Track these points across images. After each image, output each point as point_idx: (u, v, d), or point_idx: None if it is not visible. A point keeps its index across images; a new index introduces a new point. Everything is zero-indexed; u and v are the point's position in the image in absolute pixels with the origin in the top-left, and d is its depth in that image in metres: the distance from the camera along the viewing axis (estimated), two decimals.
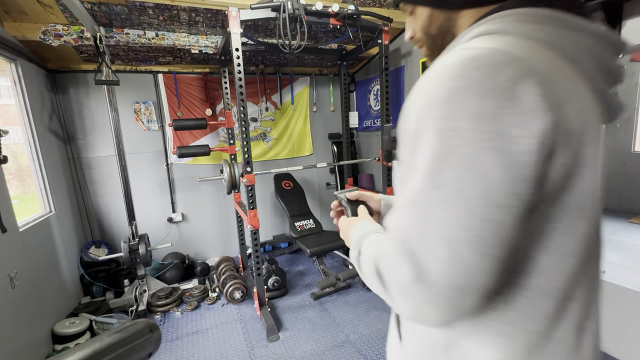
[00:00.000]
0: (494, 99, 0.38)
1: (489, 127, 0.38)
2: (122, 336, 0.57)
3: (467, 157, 0.39)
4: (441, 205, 0.40)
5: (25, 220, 2.32)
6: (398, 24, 3.21)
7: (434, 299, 0.41)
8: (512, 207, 0.39)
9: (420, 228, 0.42)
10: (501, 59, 0.40)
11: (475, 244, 0.39)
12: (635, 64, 1.70)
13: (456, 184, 0.40)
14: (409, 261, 0.42)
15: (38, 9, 2.26)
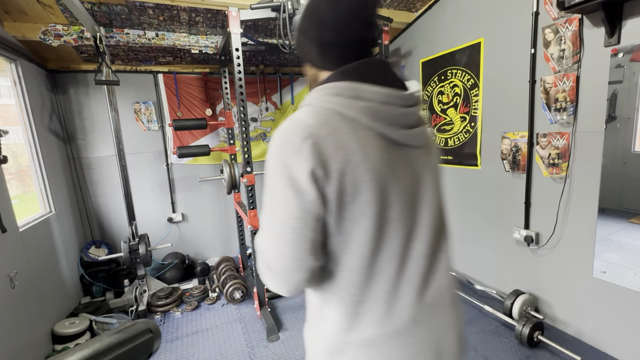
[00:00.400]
0: (290, 153, 0.63)
1: (288, 172, 0.63)
2: (122, 336, 0.57)
3: (278, 192, 0.65)
4: (269, 221, 0.68)
5: (25, 221, 2.32)
6: (398, 24, 3.21)
7: (277, 278, 0.69)
8: (305, 219, 0.64)
9: (263, 236, 0.71)
10: (298, 127, 0.65)
11: (288, 242, 0.65)
12: (635, 64, 1.70)
13: (274, 208, 0.67)
14: (261, 258, 0.71)
15: (38, 9, 2.26)
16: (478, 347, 2.15)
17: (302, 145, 0.62)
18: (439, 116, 3.07)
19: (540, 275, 2.35)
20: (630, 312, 1.87)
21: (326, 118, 0.66)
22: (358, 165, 0.65)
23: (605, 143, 1.88)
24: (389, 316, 0.72)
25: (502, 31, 2.39)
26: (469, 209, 2.90)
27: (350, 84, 0.68)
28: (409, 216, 0.72)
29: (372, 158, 0.66)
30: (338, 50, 0.73)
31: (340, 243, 0.69)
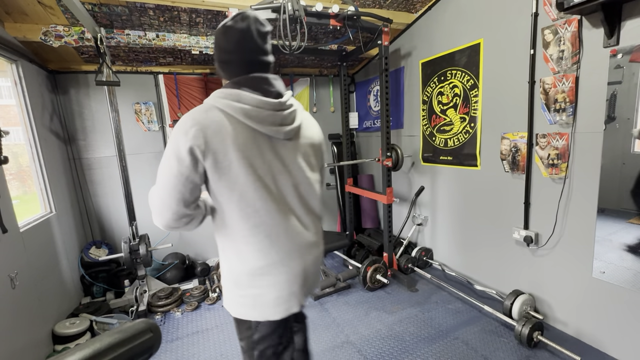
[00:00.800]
0: (181, 134, 0.95)
1: (176, 146, 0.95)
2: (122, 336, 0.57)
3: (167, 158, 0.97)
4: (159, 176, 0.99)
5: (25, 221, 2.33)
6: (398, 25, 3.22)
7: (156, 214, 1.02)
8: (179, 177, 0.96)
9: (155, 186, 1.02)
10: (190, 117, 0.98)
11: (165, 190, 0.98)
12: (635, 65, 1.70)
13: (164, 168, 0.98)
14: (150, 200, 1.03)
15: (39, 9, 2.26)
16: (478, 347, 2.16)
17: (190, 129, 0.95)
18: (438, 117, 3.08)
19: (539, 276, 2.36)
20: (630, 312, 1.87)
21: (212, 113, 1.00)
22: (229, 146, 0.98)
23: (604, 143, 1.88)
24: (270, 253, 1.07)
25: (501, 32, 2.40)
26: (468, 210, 2.90)
27: (236, 91, 1.01)
28: (273, 183, 1.06)
29: (241, 143, 0.99)
30: (231, 67, 1.07)
31: (225, 201, 1.03)
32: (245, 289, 1.10)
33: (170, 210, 1.00)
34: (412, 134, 3.46)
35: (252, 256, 1.06)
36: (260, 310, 1.10)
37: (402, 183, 3.74)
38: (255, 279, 1.08)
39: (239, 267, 1.09)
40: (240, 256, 1.08)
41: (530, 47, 2.19)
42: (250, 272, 1.08)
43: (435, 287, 2.97)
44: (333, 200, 4.52)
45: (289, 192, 1.10)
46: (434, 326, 2.42)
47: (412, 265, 3.25)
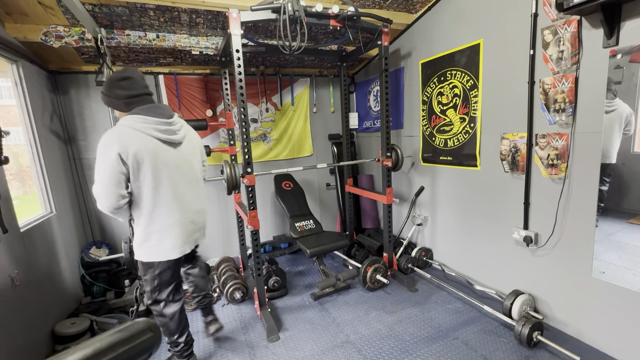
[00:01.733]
0: (108, 146, 1.62)
1: (108, 154, 1.62)
2: (122, 336, 0.58)
3: (103, 162, 1.63)
4: (98, 175, 1.64)
5: (26, 221, 2.33)
6: (398, 26, 3.22)
7: (101, 201, 1.65)
8: (112, 172, 1.62)
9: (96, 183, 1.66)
10: (110, 133, 1.65)
11: (106, 182, 1.63)
12: (634, 65, 1.70)
13: (101, 169, 1.64)
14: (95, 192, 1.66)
15: (39, 10, 2.27)
16: (477, 347, 2.16)
17: (113, 142, 1.62)
18: (438, 117, 3.08)
19: (539, 276, 2.36)
20: (630, 313, 1.88)
21: (126, 130, 1.67)
22: (141, 151, 1.66)
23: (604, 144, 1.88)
24: (169, 216, 1.79)
25: (501, 32, 2.40)
26: (468, 210, 2.91)
27: (139, 116, 1.70)
28: (171, 174, 1.77)
29: (149, 148, 1.69)
30: (126, 103, 1.73)
31: (138, 187, 1.71)
32: (153, 241, 1.79)
33: (112, 196, 1.64)
34: (412, 134, 3.47)
35: (157, 221, 1.77)
36: (162, 254, 1.82)
37: (402, 183, 3.75)
38: (159, 234, 1.79)
39: (149, 228, 1.77)
40: (151, 221, 1.76)
41: (529, 48, 2.19)
42: (156, 230, 1.78)
43: (435, 287, 2.97)
44: (333, 201, 4.52)
45: (180, 178, 1.83)
46: (434, 326, 2.42)
47: (412, 265, 3.25)
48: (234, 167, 2.65)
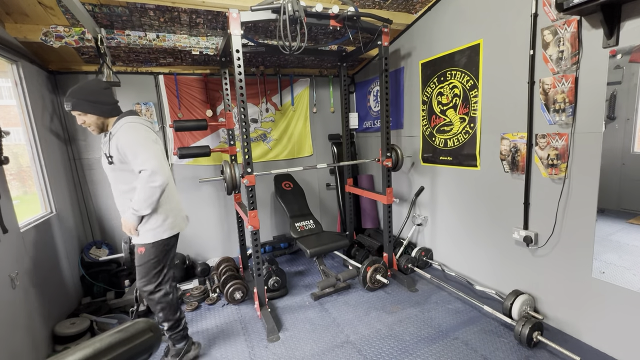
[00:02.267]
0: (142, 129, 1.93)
1: (146, 135, 1.93)
2: (122, 336, 0.58)
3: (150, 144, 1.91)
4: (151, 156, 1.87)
5: (26, 221, 2.33)
6: (398, 26, 3.22)
7: (163, 180, 1.88)
8: (161, 152, 1.98)
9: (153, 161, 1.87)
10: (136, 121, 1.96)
11: (160, 162, 1.90)
12: (634, 65, 1.70)
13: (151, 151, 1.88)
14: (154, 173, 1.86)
15: (39, 10, 2.27)
16: (477, 347, 2.16)
17: (144, 126, 1.97)
18: (438, 117, 3.08)
19: (539, 276, 2.36)
20: (630, 313, 1.88)
21: (143, 122, 1.99)
22: (158, 136, 2.06)
23: (604, 144, 1.89)
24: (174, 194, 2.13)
25: (501, 32, 2.40)
26: (468, 210, 2.91)
27: (135, 116, 1.99)
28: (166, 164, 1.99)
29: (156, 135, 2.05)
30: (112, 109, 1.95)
31: None
32: (171, 218, 2.03)
33: (165, 170, 1.91)
34: (412, 134, 3.47)
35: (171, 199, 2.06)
36: (177, 227, 2.08)
37: (402, 183, 3.75)
38: (175, 211, 2.07)
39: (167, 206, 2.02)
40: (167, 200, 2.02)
41: (529, 48, 2.19)
42: (172, 208, 2.05)
43: (435, 287, 2.98)
44: (333, 201, 4.52)
45: None
46: (434, 326, 2.42)
47: (412, 265, 3.25)
48: (234, 167, 2.65)
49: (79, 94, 1.84)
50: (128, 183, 1.95)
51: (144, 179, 1.84)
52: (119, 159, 1.89)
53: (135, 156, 1.84)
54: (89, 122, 1.89)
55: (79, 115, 1.86)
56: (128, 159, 1.87)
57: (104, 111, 1.91)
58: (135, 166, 1.86)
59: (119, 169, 1.93)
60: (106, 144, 1.92)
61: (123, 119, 1.91)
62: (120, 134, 1.87)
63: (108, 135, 1.92)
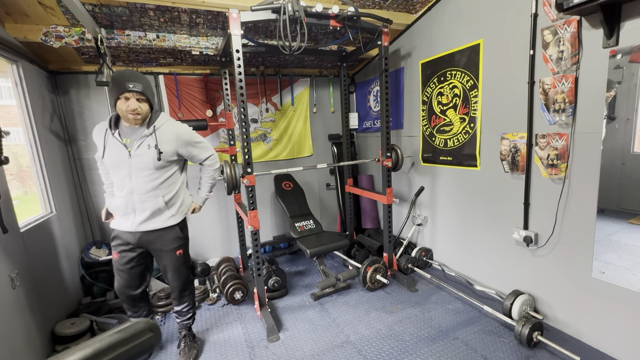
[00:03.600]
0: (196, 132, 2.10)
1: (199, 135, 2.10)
2: (122, 336, 0.57)
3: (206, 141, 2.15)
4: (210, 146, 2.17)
5: (26, 221, 2.33)
6: (398, 26, 3.22)
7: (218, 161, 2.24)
8: None
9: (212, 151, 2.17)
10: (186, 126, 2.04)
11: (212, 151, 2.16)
12: (634, 65, 1.70)
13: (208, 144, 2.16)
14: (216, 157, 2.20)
15: (39, 10, 2.27)
16: (477, 347, 2.16)
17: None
18: (438, 117, 3.08)
19: (539, 276, 2.36)
20: (630, 313, 1.88)
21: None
22: None
23: (604, 144, 1.89)
24: None
25: (501, 32, 2.40)
26: (468, 210, 2.91)
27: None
28: None
29: None
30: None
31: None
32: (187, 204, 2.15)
33: None
34: (412, 135, 3.47)
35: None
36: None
37: (402, 183, 3.75)
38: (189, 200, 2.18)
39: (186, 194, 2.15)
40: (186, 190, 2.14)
41: (529, 48, 2.19)
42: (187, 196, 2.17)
43: (435, 287, 2.97)
44: (333, 201, 4.52)
45: None
46: (434, 326, 2.42)
47: (412, 265, 3.25)
48: (234, 167, 2.65)
49: (145, 81, 1.79)
50: (163, 177, 1.92)
51: (211, 164, 2.14)
52: (170, 152, 1.90)
53: (200, 145, 2.04)
54: (143, 110, 1.80)
55: (141, 101, 1.77)
56: (190, 150, 1.99)
57: (154, 104, 1.90)
58: (202, 154, 2.06)
59: (160, 165, 1.88)
60: (148, 138, 1.85)
61: (162, 114, 1.92)
62: (172, 127, 1.91)
63: (152, 129, 1.85)
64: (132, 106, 1.75)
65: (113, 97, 1.75)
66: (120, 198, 1.90)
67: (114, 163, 1.84)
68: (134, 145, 1.83)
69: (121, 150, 1.82)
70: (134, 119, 1.80)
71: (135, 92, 1.73)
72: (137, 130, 1.86)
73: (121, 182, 1.88)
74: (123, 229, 1.95)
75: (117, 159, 1.84)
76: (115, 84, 1.73)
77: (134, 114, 1.78)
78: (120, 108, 1.77)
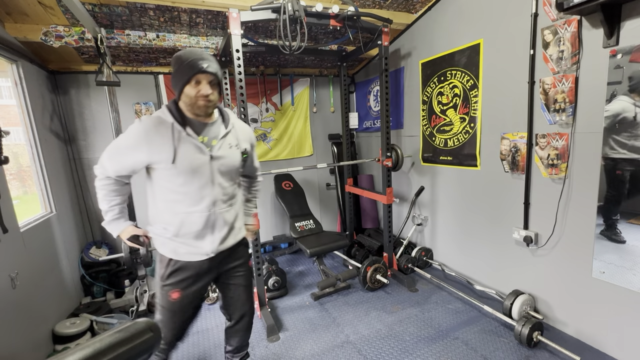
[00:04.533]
0: None
1: None
2: (122, 336, 0.57)
3: None
4: None
5: (26, 221, 2.33)
6: (398, 25, 3.22)
7: None
8: None
9: None
10: None
11: None
12: (635, 65, 1.70)
13: None
14: None
15: (39, 10, 2.27)
16: (477, 347, 2.16)
17: None
18: (438, 117, 3.08)
19: (539, 276, 2.36)
20: (630, 312, 1.87)
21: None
22: None
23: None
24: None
25: (501, 32, 2.40)
26: (468, 210, 2.91)
27: None
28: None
29: None
30: None
31: None
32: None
33: None
34: (412, 134, 3.47)
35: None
36: None
37: (402, 183, 3.75)
38: None
39: None
40: None
41: (530, 48, 2.19)
42: None
43: (435, 287, 2.97)
44: (333, 201, 4.52)
45: None
46: (434, 326, 2.42)
47: (412, 265, 3.25)
48: None
49: (217, 62, 1.42)
50: (236, 183, 1.60)
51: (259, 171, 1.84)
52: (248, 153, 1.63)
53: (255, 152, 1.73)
54: (215, 98, 1.42)
55: (213, 86, 1.39)
56: (252, 154, 1.69)
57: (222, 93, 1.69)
58: (256, 162, 1.77)
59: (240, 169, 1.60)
60: (228, 136, 1.50)
61: (227, 108, 1.60)
62: (245, 126, 1.64)
63: (230, 125, 1.51)
64: (205, 91, 1.35)
65: (181, 81, 1.34)
66: (196, 214, 1.44)
67: (191, 168, 1.39)
68: (214, 145, 1.44)
69: (200, 151, 1.40)
70: (205, 107, 1.38)
71: (209, 73, 1.34)
72: (212, 126, 1.46)
73: (199, 192, 1.43)
74: (195, 258, 1.48)
75: (196, 163, 1.40)
76: (184, 65, 1.33)
77: (206, 101, 1.37)
78: (189, 94, 1.35)
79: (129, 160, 1.39)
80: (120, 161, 1.40)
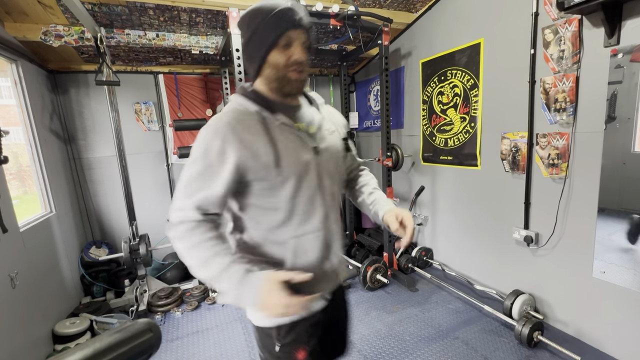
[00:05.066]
0: None
1: None
2: (122, 336, 0.57)
3: None
4: None
5: (26, 221, 2.32)
6: (398, 25, 3.22)
7: None
8: None
9: None
10: None
11: None
12: (635, 64, 1.70)
13: None
14: None
15: (39, 9, 2.26)
16: (478, 347, 2.16)
17: None
18: (438, 116, 3.07)
19: (539, 275, 2.35)
20: (630, 312, 1.87)
21: None
22: None
23: (604, 143, 1.88)
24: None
25: (502, 32, 2.40)
26: (468, 209, 2.90)
27: None
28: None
29: None
30: None
31: None
32: None
33: None
34: (412, 134, 3.46)
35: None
36: None
37: (402, 183, 3.74)
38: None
39: None
40: None
41: (530, 47, 2.19)
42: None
43: (435, 287, 2.97)
44: None
45: None
46: (434, 326, 2.42)
47: (412, 265, 3.25)
48: None
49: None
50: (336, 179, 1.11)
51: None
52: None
53: None
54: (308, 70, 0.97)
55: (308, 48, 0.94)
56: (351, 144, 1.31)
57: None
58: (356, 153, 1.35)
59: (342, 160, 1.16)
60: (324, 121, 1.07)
61: None
62: (331, 108, 1.21)
63: (315, 104, 1.09)
64: (299, 56, 0.90)
65: (264, 45, 0.89)
66: (309, 235, 0.98)
67: (299, 171, 0.94)
68: (314, 134, 1.00)
69: (303, 144, 0.96)
70: (299, 80, 0.94)
71: (304, 29, 0.91)
72: (303, 110, 1.02)
73: (309, 202, 0.97)
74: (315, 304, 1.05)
75: (302, 162, 0.95)
76: (268, 18, 0.87)
77: (300, 72, 0.92)
78: (276, 63, 0.90)
79: (218, 179, 0.88)
80: (205, 186, 0.89)
